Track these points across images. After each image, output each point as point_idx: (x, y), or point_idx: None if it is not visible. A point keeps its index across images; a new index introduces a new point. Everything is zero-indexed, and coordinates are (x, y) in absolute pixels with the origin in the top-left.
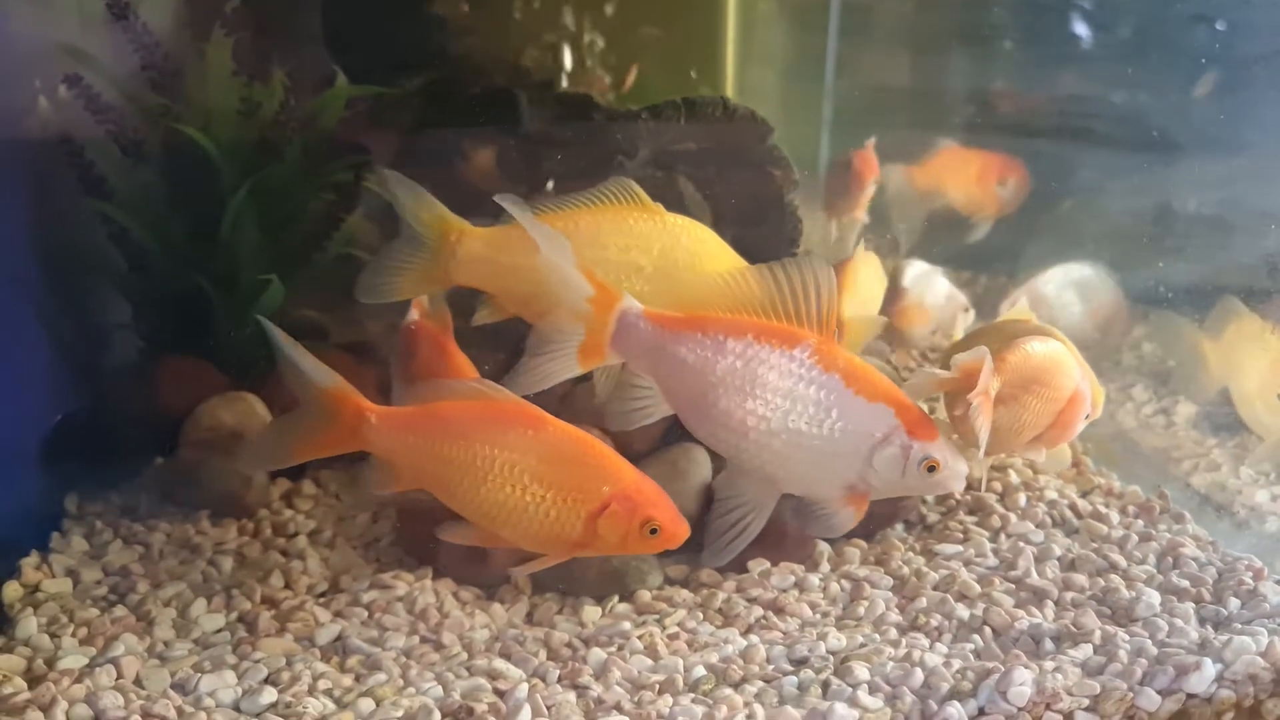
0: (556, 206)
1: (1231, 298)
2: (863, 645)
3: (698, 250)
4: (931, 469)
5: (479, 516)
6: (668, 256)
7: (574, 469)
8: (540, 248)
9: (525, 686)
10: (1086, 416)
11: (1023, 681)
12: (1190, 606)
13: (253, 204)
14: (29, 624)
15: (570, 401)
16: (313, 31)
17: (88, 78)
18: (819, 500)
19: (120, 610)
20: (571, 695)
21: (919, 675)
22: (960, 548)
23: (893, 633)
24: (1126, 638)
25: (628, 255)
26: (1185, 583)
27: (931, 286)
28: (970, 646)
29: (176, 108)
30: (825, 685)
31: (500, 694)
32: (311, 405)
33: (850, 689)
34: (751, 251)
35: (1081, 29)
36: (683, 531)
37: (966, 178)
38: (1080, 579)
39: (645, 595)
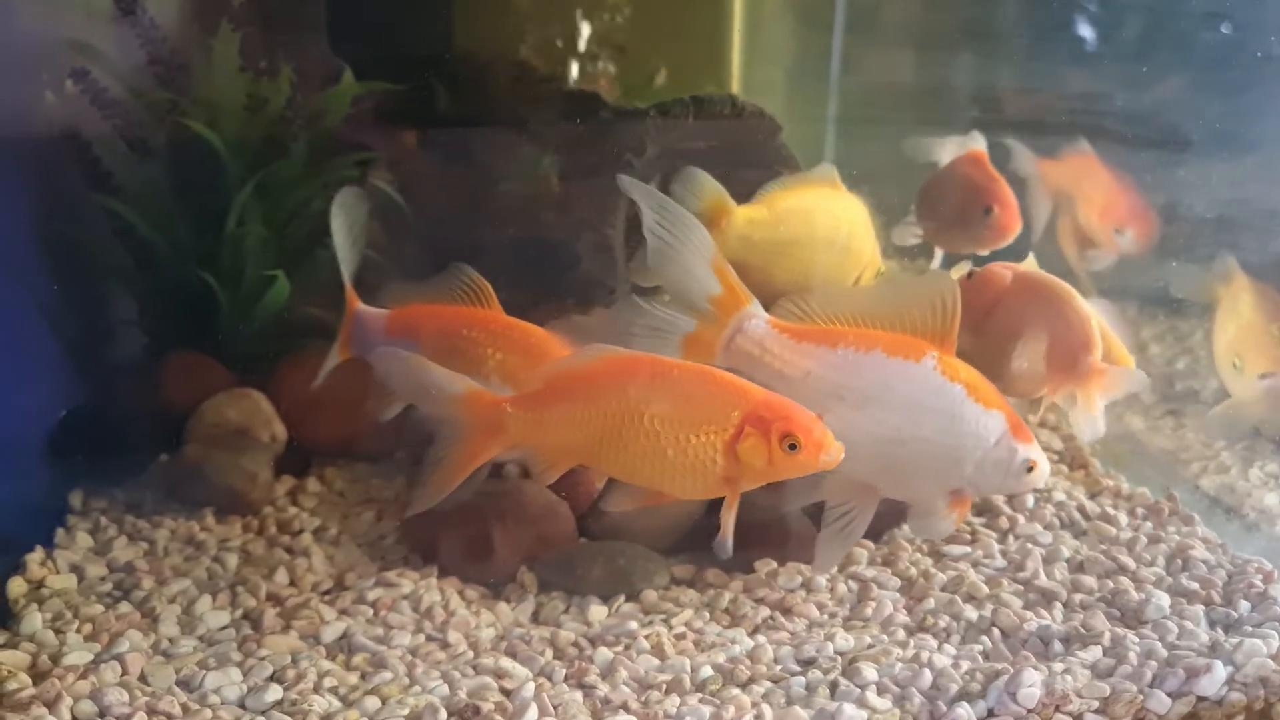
0: (782, 186)
1: (1229, 258)
2: (871, 646)
3: (865, 225)
4: (1030, 469)
5: (629, 475)
6: (852, 233)
7: (699, 403)
8: (654, 236)
9: (531, 685)
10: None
11: (1032, 683)
12: (1200, 609)
13: (258, 200)
14: (34, 620)
15: None
16: (319, 26)
17: (94, 73)
18: (921, 503)
19: (125, 606)
20: (578, 694)
21: (927, 676)
22: (968, 549)
23: (900, 633)
24: (1136, 640)
25: (826, 232)
26: (1195, 585)
27: None
28: (979, 648)
29: (183, 103)
30: (833, 686)
31: (506, 693)
32: (449, 418)
33: (858, 690)
34: None
35: (1090, 27)
36: (825, 439)
37: (1090, 202)
38: (1089, 580)
39: (652, 595)
